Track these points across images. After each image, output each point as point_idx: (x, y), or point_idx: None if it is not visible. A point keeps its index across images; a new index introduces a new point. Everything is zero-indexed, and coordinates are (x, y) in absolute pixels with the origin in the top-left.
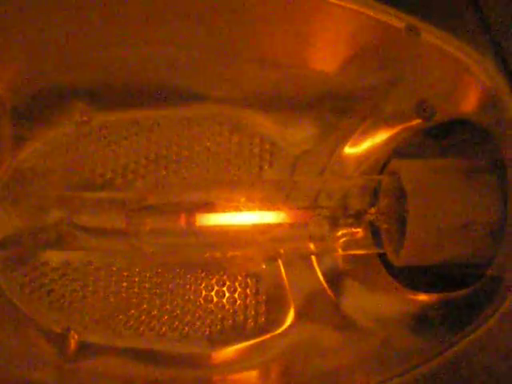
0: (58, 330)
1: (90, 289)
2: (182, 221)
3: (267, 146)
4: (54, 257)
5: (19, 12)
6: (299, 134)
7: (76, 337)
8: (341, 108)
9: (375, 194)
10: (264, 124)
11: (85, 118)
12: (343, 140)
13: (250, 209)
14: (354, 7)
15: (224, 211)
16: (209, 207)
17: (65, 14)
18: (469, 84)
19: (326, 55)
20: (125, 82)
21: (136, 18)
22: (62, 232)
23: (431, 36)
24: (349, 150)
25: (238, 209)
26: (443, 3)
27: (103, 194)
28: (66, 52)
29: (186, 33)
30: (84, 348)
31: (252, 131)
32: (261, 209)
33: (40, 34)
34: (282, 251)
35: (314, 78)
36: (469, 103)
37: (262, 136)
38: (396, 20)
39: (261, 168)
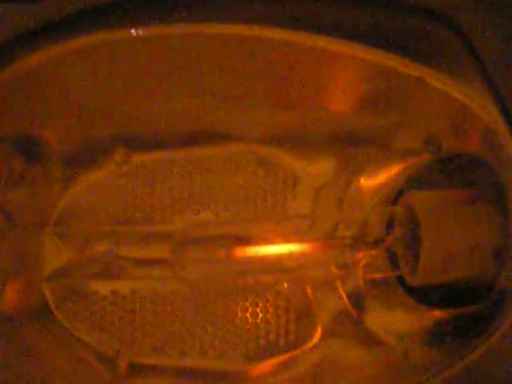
0: (110, 353)
1: (138, 315)
2: (222, 254)
3: (290, 180)
4: (103, 287)
5: (68, 75)
6: (319, 168)
7: (126, 358)
8: (356, 144)
9: (391, 222)
10: (287, 160)
11: (124, 159)
12: (359, 172)
13: (278, 240)
14: (365, 56)
15: (256, 243)
16: (243, 240)
17: (104, 75)
18: (470, 123)
19: (342, 98)
20: (160, 127)
21: (170, 75)
22: (108, 263)
23: (436, 81)
24: (365, 181)
25: (268, 241)
26: (446, 52)
27: (146, 228)
28: (107, 106)
29: (219, 84)
30: (133, 368)
31: (276, 166)
32: (288, 240)
33: (84, 92)
34: (308, 275)
35: (331, 118)
36: (471, 140)
37: (285, 170)
38: (403, 67)
39: (285, 200)
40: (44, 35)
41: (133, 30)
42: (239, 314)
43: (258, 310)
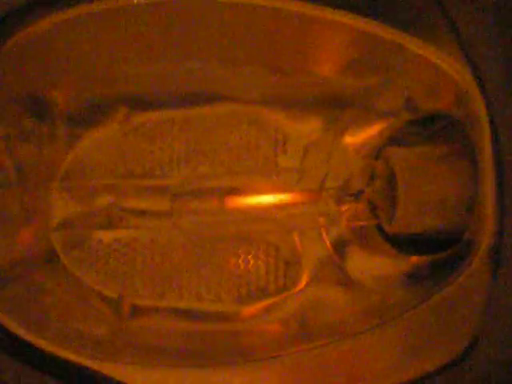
0: (114, 296)
1: (139, 261)
2: (215, 203)
3: (280, 137)
4: (106, 235)
5: (73, 40)
6: (307, 127)
7: (128, 301)
8: (341, 104)
9: (372, 176)
10: (277, 119)
11: (126, 118)
12: (344, 131)
13: (269, 192)
14: (349, 23)
15: (248, 194)
16: (236, 191)
17: (108, 39)
18: (445, 85)
19: (327, 62)
20: (159, 88)
21: (169, 39)
22: (111, 214)
23: (414, 46)
24: (349, 139)
25: (259, 192)
26: (424, 20)
27: (146, 182)
28: (109, 68)
29: (215, 48)
30: (135, 309)
31: (267, 125)
32: (278, 191)
33: (89, 55)
34: (296, 225)
35: (318, 81)
36: (445, 100)
37: (276, 129)
38: (383, 32)
39: (276, 156)
40: (51, 3)
41: None
42: (232, 261)
43: (249, 257)
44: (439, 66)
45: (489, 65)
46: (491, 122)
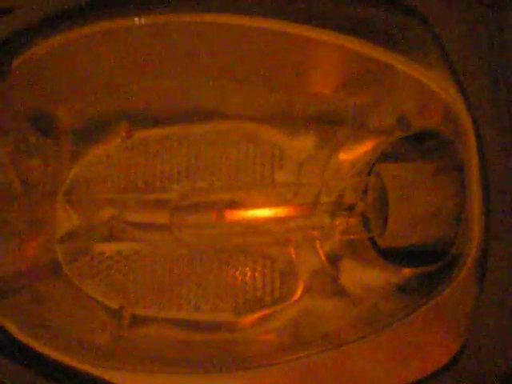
0: (115, 306)
1: (139, 272)
2: (214, 216)
3: (277, 153)
4: (108, 248)
5: (78, 59)
6: (303, 144)
7: (129, 310)
8: (336, 122)
9: (365, 190)
10: (274, 136)
11: (128, 134)
12: (338, 148)
13: (266, 206)
14: (344, 44)
15: (246, 208)
16: (234, 205)
17: (111, 58)
18: (434, 103)
19: (323, 81)
20: (161, 105)
21: (170, 58)
22: (113, 227)
23: (405, 67)
24: (343, 155)
25: (256, 206)
26: (414, 42)
27: (147, 196)
28: (112, 86)
29: (214, 68)
30: (136, 319)
31: (265, 142)
32: (274, 205)
33: (93, 74)
34: (291, 238)
35: (313, 100)
36: (434, 118)
37: (273, 145)
38: (374, 53)
39: (273, 171)
40: (57, 24)
41: (136, 19)
42: (230, 273)
43: (246, 269)
44: (427, 85)
45: (476, 83)
46: (478, 139)
